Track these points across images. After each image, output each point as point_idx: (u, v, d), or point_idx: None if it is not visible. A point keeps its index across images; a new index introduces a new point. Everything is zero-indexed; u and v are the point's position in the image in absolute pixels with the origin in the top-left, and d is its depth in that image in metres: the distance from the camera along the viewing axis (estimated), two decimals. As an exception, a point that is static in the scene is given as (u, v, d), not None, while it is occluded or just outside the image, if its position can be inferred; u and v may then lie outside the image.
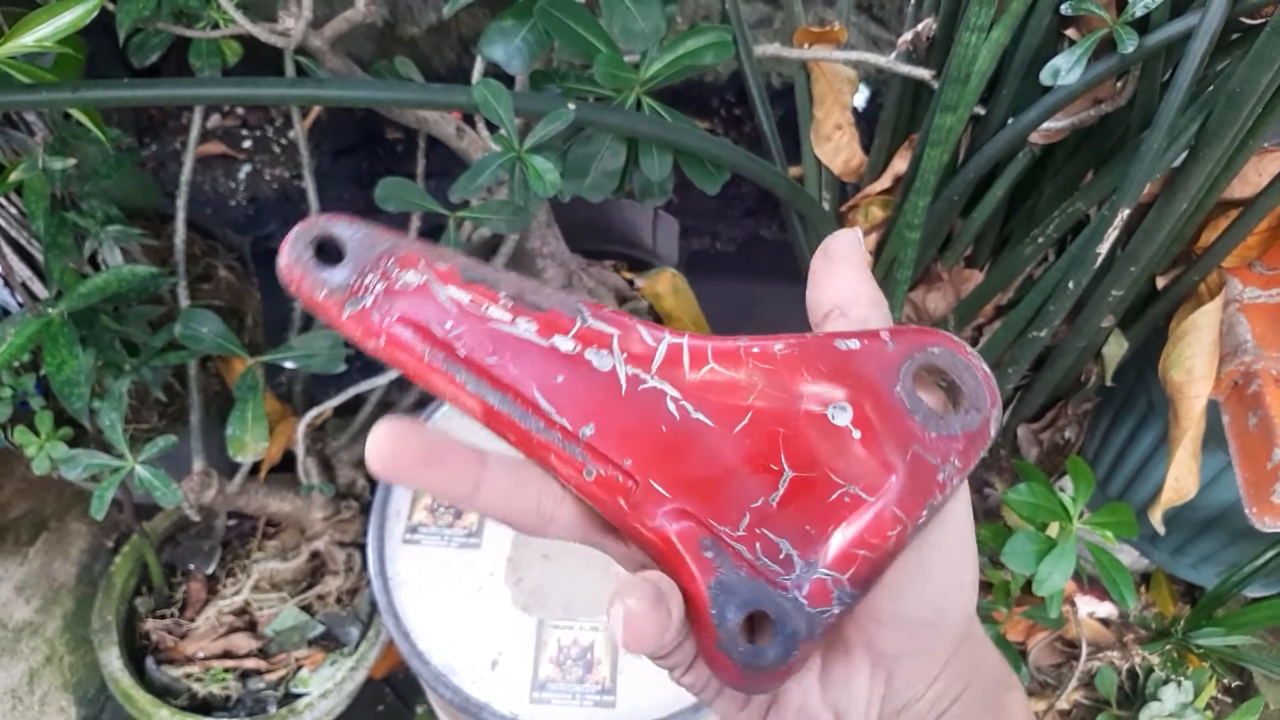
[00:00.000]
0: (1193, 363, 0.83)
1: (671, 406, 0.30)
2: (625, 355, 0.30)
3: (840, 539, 0.29)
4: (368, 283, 0.30)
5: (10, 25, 0.75)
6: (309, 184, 1.01)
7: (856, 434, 0.30)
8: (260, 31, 0.74)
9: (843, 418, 0.30)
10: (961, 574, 0.30)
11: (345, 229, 0.31)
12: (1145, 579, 1.20)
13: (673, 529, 0.29)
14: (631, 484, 0.29)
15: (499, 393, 0.30)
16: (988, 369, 0.30)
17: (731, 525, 0.29)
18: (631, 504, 0.29)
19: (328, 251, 0.31)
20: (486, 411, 0.30)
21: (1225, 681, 1.15)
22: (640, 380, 0.30)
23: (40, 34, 0.67)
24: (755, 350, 0.30)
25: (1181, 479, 0.84)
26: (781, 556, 0.29)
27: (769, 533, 0.29)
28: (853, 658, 0.31)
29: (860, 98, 1.63)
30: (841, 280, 0.32)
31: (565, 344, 0.30)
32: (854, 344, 0.30)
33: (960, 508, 0.30)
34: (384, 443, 0.27)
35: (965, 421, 0.30)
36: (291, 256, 0.30)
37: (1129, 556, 1.16)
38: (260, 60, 0.84)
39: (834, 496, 0.29)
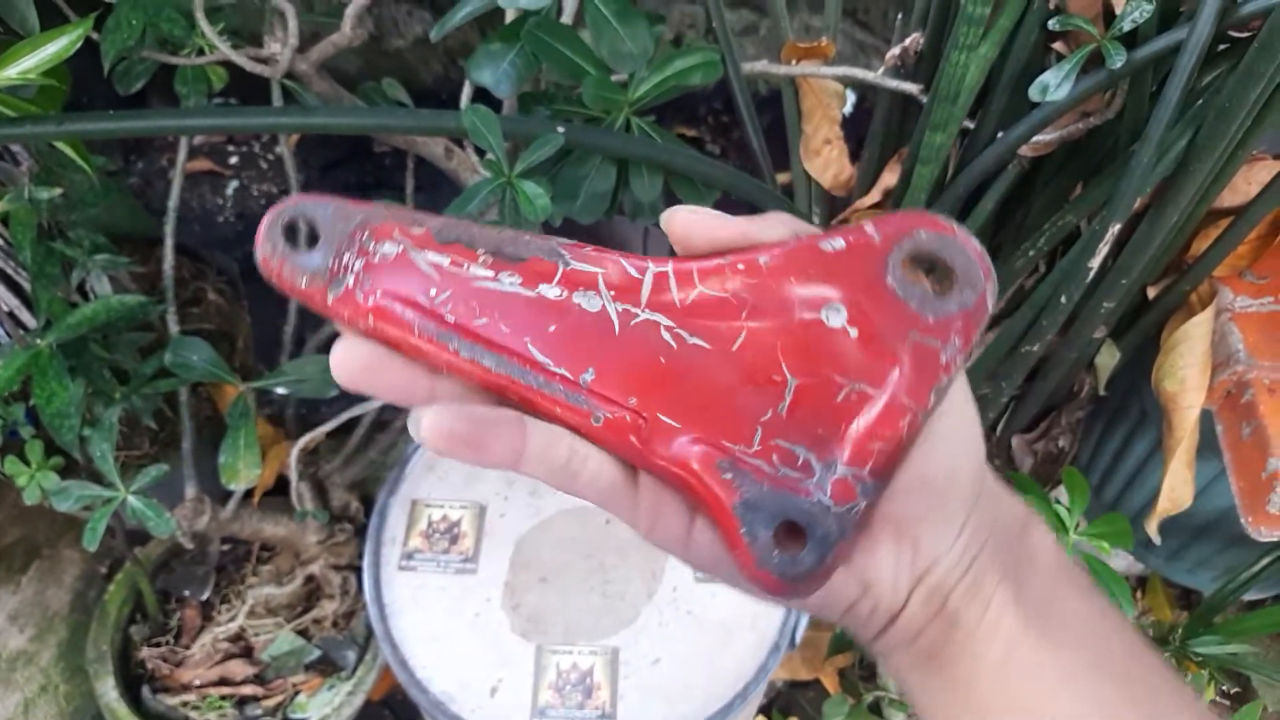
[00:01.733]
0: (1185, 373, 0.83)
1: (667, 336, 0.30)
2: (613, 293, 0.30)
3: (854, 436, 0.29)
4: (346, 262, 0.30)
5: (-7, 56, 0.74)
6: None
7: (853, 332, 0.30)
8: (245, 61, 0.74)
9: (837, 319, 0.30)
10: (966, 432, 0.31)
11: (316, 208, 0.30)
12: (1141, 583, 1.20)
13: (689, 458, 0.30)
14: (640, 421, 0.30)
15: (495, 355, 0.30)
16: (978, 244, 0.30)
17: (746, 442, 0.30)
18: (643, 441, 0.30)
19: (302, 234, 0.30)
20: (485, 377, 0.30)
21: (1224, 687, 1.15)
22: (632, 315, 0.30)
23: (24, 66, 0.66)
24: (740, 266, 0.30)
25: (1177, 489, 0.84)
26: (800, 463, 0.30)
27: (783, 442, 0.30)
28: (873, 530, 0.31)
29: (846, 105, 1.63)
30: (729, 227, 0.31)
31: (551, 291, 0.30)
32: (839, 243, 0.30)
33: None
34: (438, 428, 0.28)
35: (961, 300, 0.29)
36: (266, 247, 0.30)
37: (1124, 561, 1.16)
38: (247, 82, 0.84)
39: (841, 396, 0.30)
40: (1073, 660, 0.30)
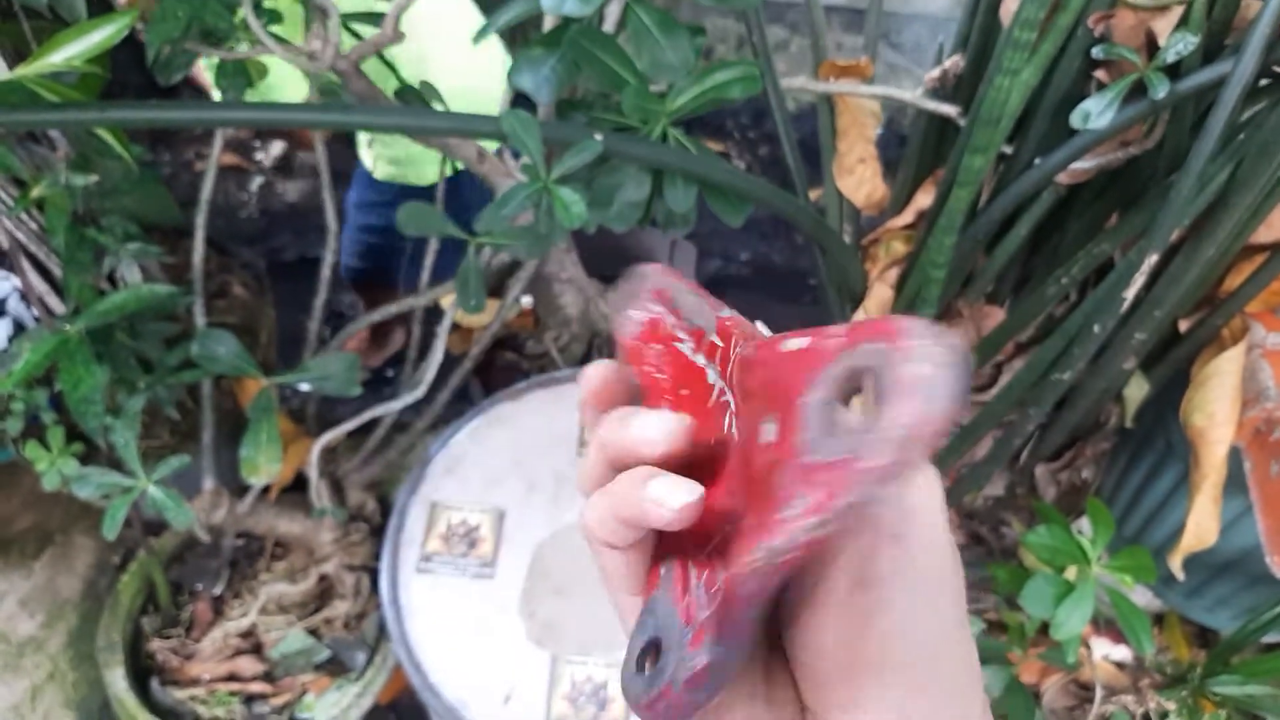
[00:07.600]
0: (1215, 408, 0.82)
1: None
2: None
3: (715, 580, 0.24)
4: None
5: (39, 41, 0.74)
6: (326, 199, 1.01)
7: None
8: (289, 56, 0.74)
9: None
10: None
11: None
12: (1158, 620, 1.19)
13: None
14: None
15: None
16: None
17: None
18: None
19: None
20: None
21: (1239, 727, 1.14)
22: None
23: (69, 53, 0.67)
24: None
25: (1202, 525, 0.83)
26: (715, 590, 0.24)
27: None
28: None
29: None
30: None
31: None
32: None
33: None
34: None
35: (848, 445, 0.21)
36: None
37: (1142, 598, 1.15)
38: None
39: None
40: None
